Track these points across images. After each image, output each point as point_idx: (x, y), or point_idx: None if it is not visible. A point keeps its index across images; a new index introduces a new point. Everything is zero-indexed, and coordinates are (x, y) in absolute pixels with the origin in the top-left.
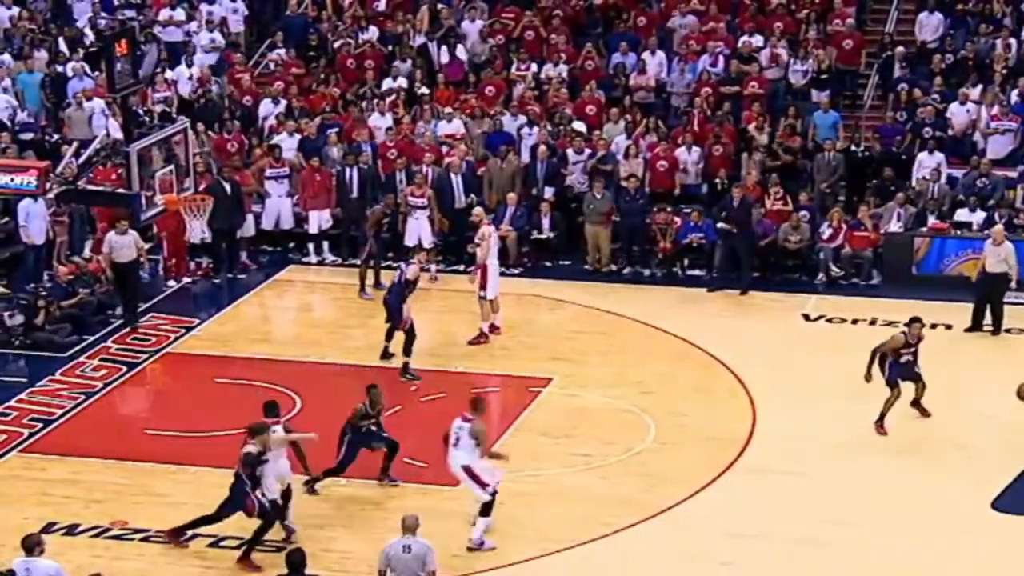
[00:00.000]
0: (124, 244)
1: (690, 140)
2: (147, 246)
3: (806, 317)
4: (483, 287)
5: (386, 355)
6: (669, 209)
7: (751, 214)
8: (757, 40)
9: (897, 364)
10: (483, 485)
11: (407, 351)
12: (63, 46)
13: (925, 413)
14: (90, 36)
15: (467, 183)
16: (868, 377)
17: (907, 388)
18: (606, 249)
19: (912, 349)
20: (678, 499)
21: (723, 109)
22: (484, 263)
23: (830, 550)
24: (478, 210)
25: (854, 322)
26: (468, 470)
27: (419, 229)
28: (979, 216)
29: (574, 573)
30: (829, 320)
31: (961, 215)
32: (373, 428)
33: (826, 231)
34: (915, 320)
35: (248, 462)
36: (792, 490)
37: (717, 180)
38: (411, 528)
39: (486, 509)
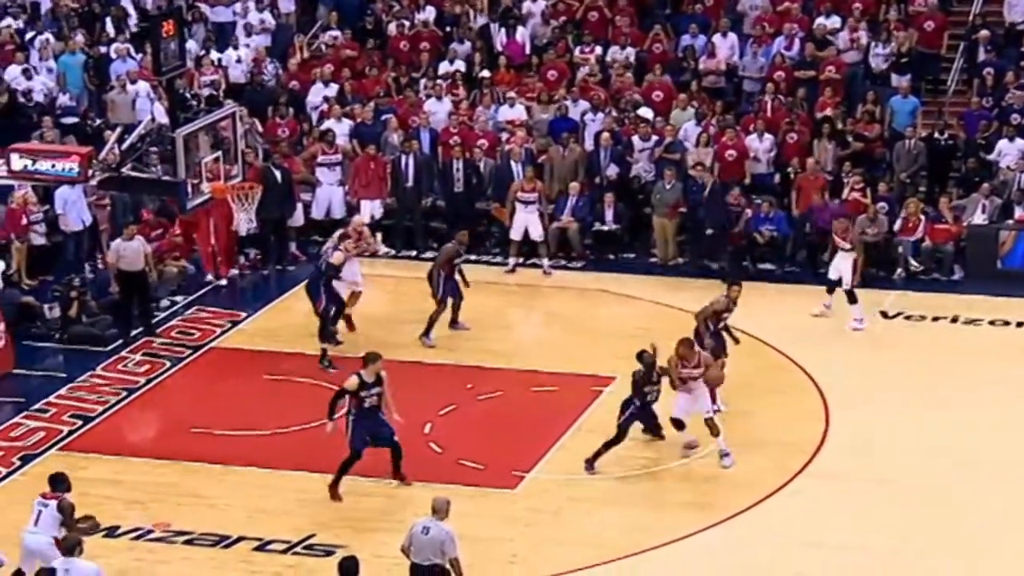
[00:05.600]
0: (131, 251)
1: (762, 127)
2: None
3: (884, 314)
4: None
5: (331, 339)
6: (739, 191)
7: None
8: (834, 21)
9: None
10: (715, 400)
11: (324, 338)
12: (109, 26)
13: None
14: (134, 16)
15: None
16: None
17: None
18: (673, 242)
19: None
20: (744, 506)
21: (798, 95)
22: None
23: (910, 562)
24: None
25: (935, 319)
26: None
27: (526, 223)
28: None
29: None
30: (908, 317)
31: None
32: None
33: (898, 222)
34: (646, 350)
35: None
36: (868, 497)
37: (789, 169)
38: (436, 510)
39: (716, 428)
